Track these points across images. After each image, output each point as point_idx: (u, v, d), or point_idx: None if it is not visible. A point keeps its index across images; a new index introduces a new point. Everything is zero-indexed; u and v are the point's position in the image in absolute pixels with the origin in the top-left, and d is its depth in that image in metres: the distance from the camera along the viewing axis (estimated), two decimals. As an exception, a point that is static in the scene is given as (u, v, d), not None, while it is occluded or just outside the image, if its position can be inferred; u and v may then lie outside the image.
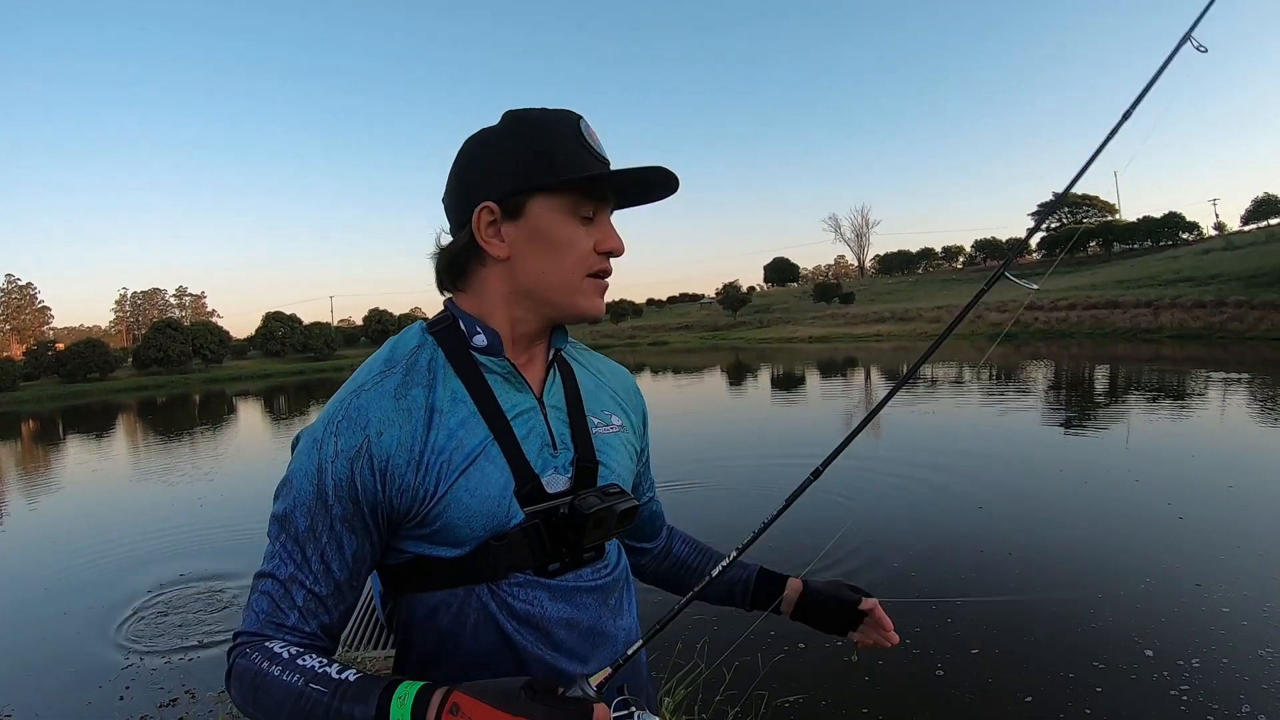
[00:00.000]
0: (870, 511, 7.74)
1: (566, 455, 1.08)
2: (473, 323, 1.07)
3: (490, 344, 1.06)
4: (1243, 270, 38.18)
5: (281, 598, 0.95)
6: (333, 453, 0.95)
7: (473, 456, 0.99)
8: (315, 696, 0.85)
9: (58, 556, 8.59)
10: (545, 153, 1.01)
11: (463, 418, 1.01)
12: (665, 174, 1.03)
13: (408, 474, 0.96)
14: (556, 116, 1.04)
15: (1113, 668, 4.37)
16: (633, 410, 1.27)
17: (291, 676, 0.87)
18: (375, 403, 0.99)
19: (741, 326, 68.87)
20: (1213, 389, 16.90)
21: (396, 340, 1.10)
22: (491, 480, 0.99)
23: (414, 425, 0.98)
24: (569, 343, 1.22)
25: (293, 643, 0.94)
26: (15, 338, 79.13)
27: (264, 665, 0.89)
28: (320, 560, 0.95)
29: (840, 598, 1.32)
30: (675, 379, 30.19)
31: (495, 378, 1.06)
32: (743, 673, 3.99)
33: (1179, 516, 7.07)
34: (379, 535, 0.99)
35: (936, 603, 5.32)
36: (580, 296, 1.07)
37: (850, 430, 1.25)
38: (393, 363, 1.05)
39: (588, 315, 1.08)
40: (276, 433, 21.43)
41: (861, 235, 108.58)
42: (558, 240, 1.03)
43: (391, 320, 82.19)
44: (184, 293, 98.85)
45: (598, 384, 1.23)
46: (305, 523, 0.95)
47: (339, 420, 0.98)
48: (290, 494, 0.97)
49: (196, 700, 4.77)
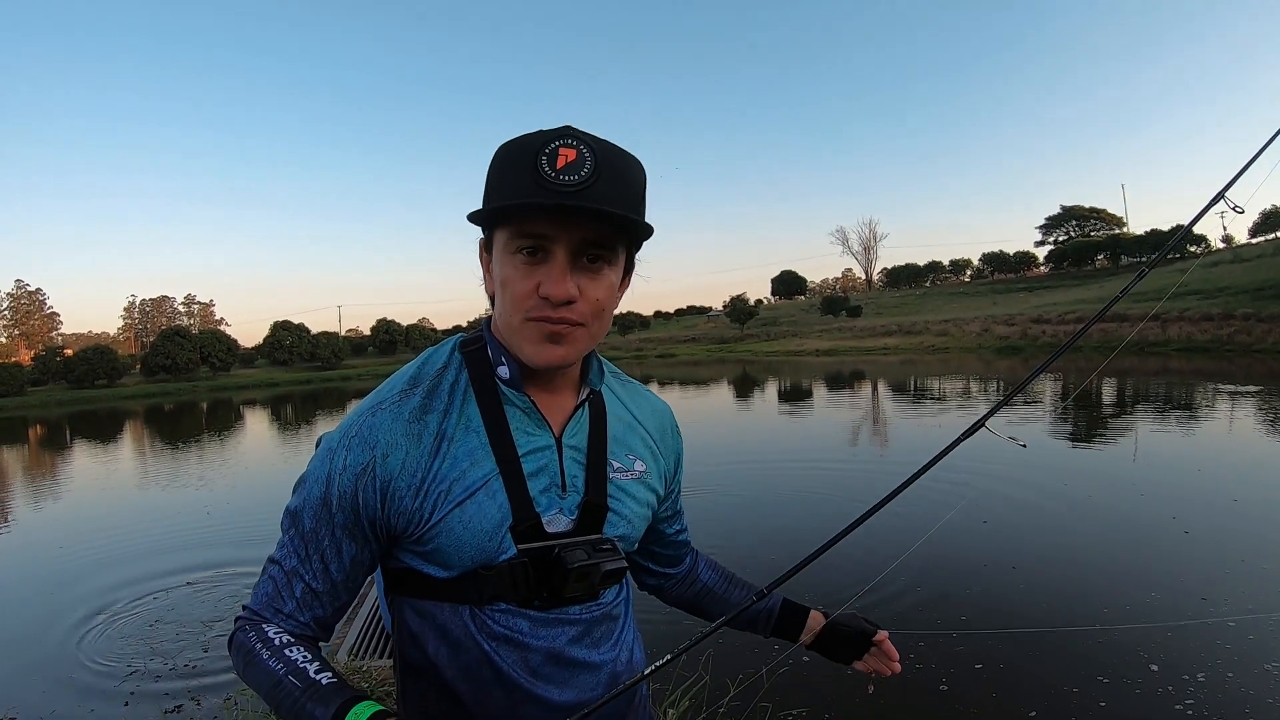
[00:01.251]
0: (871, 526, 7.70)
1: (575, 498, 1.07)
2: (500, 352, 1.06)
3: (512, 377, 1.05)
4: (1250, 283, 38.13)
5: (284, 586, 1.02)
6: (341, 466, 0.99)
7: (472, 490, 1.00)
8: (289, 688, 0.91)
9: (63, 560, 8.60)
10: (496, 183, 0.97)
11: (471, 448, 1.02)
12: (598, 213, 0.92)
13: (407, 497, 0.99)
14: (528, 141, 0.94)
15: (1117, 682, 4.35)
16: (664, 452, 1.25)
17: (276, 663, 0.94)
18: (388, 424, 1.01)
19: (749, 339, 68.94)
20: (1219, 402, 16.85)
21: (428, 356, 1.11)
22: (487, 515, 1.00)
23: (421, 451, 1.00)
24: (614, 374, 1.22)
25: (286, 629, 1.01)
26: (24, 343, 79.60)
27: (256, 646, 0.97)
28: (320, 560, 1.01)
29: (862, 630, 1.34)
30: (682, 391, 30.16)
31: (515, 411, 1.06)
32: (746, 684, 3.98)
33: (1185, 531, 7.04)
34: (377, 545, 1.04)
35: (939, 618, 5.30)
36: (523, 341, 0.99)
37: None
38: (417, 381, 1.06)
39: (533, 362, 1.00)
40: (283, 442, 21.47)
41: (869, 248, 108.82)
42: (501, 278, 0.99)
43: (399, 330, 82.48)
44: (192, 301, 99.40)
45: (629, 425, 1.20)
46: (311, 524, 1.01)
47: (352, 436, 1.01)
48: (303, 493, 1.03)
49: (201, 706, 4.78)
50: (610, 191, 0.93)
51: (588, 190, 0.91)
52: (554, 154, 0.91)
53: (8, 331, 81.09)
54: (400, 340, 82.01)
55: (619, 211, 0.92)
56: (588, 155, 0.92)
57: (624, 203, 0.95)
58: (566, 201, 0.90)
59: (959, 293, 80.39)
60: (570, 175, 0.91)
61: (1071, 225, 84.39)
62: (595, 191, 0.91)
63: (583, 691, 1.07)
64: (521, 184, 0.92)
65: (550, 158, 0.91)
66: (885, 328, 58.60)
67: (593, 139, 0.94)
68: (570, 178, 0.91)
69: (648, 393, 1.29)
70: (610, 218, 0.92)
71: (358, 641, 5.06)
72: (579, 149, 0.92)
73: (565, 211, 0.91)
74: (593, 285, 0.98)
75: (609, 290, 1.01)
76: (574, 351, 1.01)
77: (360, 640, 5.08)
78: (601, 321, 1.02)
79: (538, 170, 0.91)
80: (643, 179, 1.01)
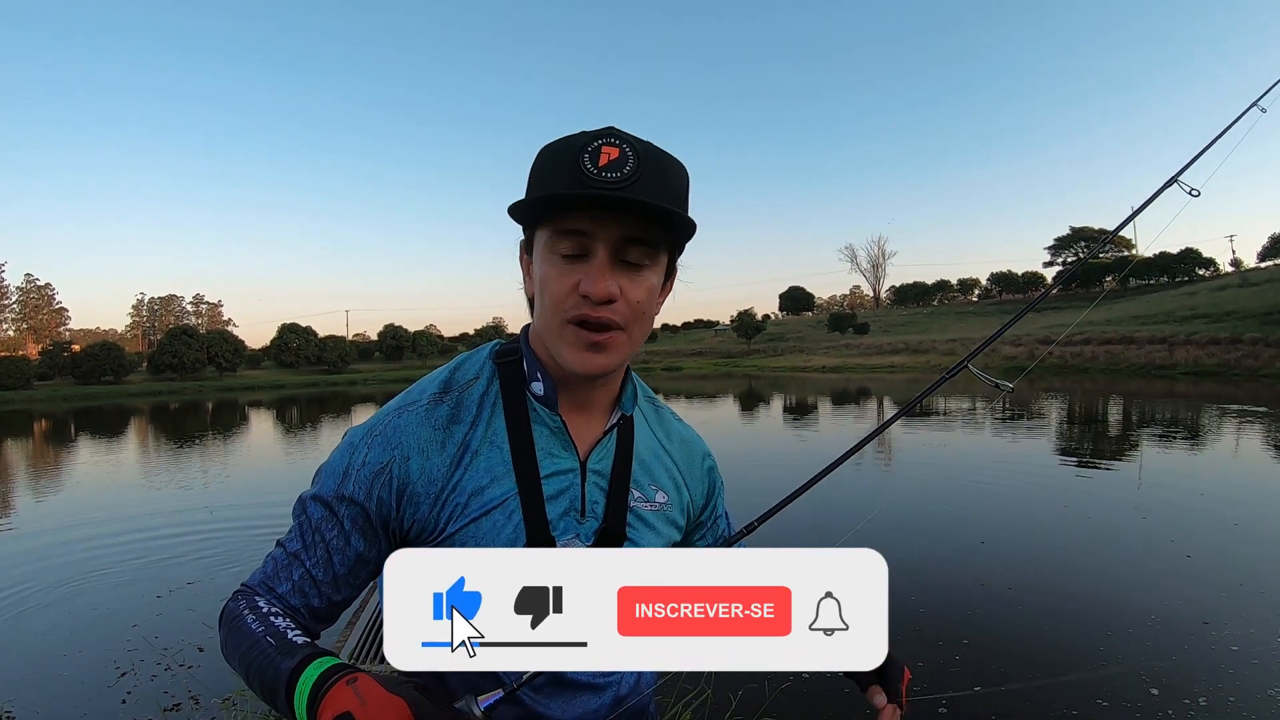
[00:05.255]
0: (871, 543, 7.68)
1: (593, 524, 1.06)
2: (535, 366, 1.05)
3: (546, 395, 1.04)
4: (1259, 307, 38.08)
5: (283, 567, 1.01)
6: (361, 462, 1.00)
7: (488, 507, 1.00)
8: (264, 647, 0.90)
9: (62, 557, 8.60)
10: (538, 181, 0.96)
11: (493, 464, 1.01)
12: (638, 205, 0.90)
13: (424, 505, 0.99)
14: (571, 140, 0.94)
15: (1117, 706, 4.33)
16: (691, 483, 1.21)
17: (258, 626, 0.93)
18: (414, 427, 1.01)
19: (755, 354, 68.96)
20: (1225, 426, 16.79)
21: (461, 362, 1.10)
22: (500, 533, 0.99)
23: (444, 460, 1.00)
24: (649, 398, 1.21)
25: (278, 606, 0.99)
26: (31, 337, 79.75)
27: (243, 611, 0.96)
28: (324, 549, 1.00)
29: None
30: (688, 404, 30.16)
31: (543, 430, 1.04)
32: (749, 698, 3.97)
33: (1186, 555, 7.02)
34: (386, 544, 1.02)
35: (942, 640, 5.28)
36: (562, 346, 0.97)
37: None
38: (449, 388, 1.05)
39: (572, 370, 0.98)
40: (287, 444, 21.52)
41: (878, 266, 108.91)
42: (541, 278, 0.98)
43: (406, 336, 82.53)
44: (200, 300, 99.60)
45: (657, 454, 1.17)
46: (321, 513, 1.01)
47: (376, 434, 1.01)
48: (319, 483, 1.03)
49: (200, 706, 4.76)
50: (651, 189, 0.92)
51: (629, 187, 0.90)
52: (596, 152, 0.91)
53: (16, 325, 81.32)
54: (407, 346, 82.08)
55: (659, 204, 0.91)
56: (630, 154, 0.91)
57: (665, 200, 0.93)
58: (605, 192, 0.89)
59: (966, 312, 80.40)
60: (612, 173, 0.90)
61: (1080, 246, 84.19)
62: (637, 188, 0.90)
63: (586, 712, 1.06)
64: (562, 180, 0.91)
65: (593, 155, 0.91)
66: (892, 345, 58.57)
67: (636, 139, 0.93)
68: (612, 175, 0.90)
69: (680, 422, 1.27)
70: (650, 209, 0.91)
71: (358, 646, 5.06)
72: (621, 148, 0.91)
73: (604, 203, 0.90)
74: (633, 287, 0.96)
75: (649, 293, 0.99)
76: (615, 360, 0.99)
77: (361, 645, 5.08)
78: (642, 326, 1.00)
79: (579, 167, 0.90)
80: (685, 180, 1.00)
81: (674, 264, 1.06)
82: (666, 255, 1.02)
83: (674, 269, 1.07)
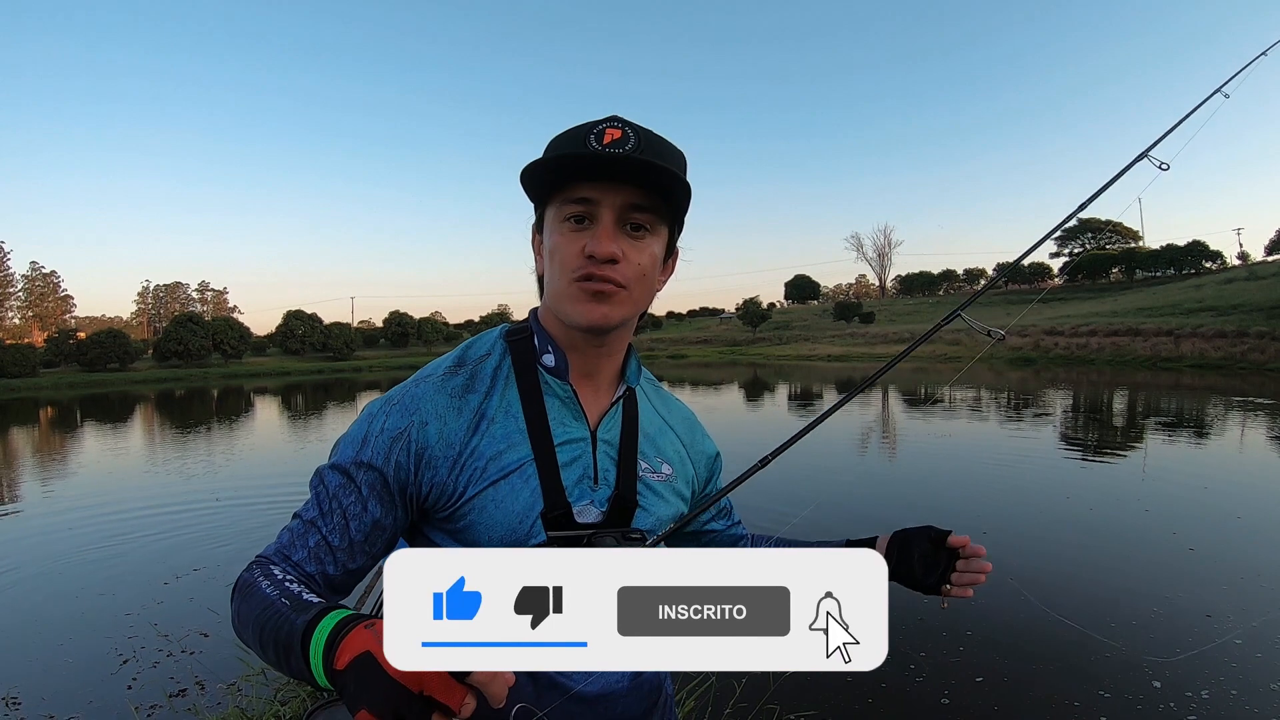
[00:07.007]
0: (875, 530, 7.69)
1: (606, 491, 1.10)
2: (546, 340, 1.11)
3: (557, 366, 1.10)
4: (1265, 301, 37.92)
5: (299, 536, 1.01)
6: (380, 429, 1.02)
7: (506, 471, 1.03)
8: (279, 608, 0.87)
9: (67, 542, 8.64)
10: (547, 160, 1.03)
11: (509, 431, 1.05)
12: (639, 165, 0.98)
13: (442, 469, 1.02)
14: (579, 126, 1.04)
15: (1119, 698, 4.33)
16: (694, 457, 1.29)
17: (272, 591, 0.91)
18: (431, 395, 1.05)
19: (761, 343, 68.97)
20: (1230, 419, 16.76)
21: (472, 342, 1.15)
22: (519, 498, 1.03)
23: (461, 425, 1.03)
24: (647, 378, 1.26)
25: (292, 574, 0.97)
26: (37, 325, 79.97)
27: (258, 578, 0.94)
28: (341, 515, 1.01)
29: (932, 538, 1.32)
30: (693, 391, 30.16)
31: (554, 400, 1.10)
32: (754, 686, 3.99)
33: (1189, 548, 7.02)
34: (403, 513, 1.05)
35: (945, 631, 5.29)
36: (568, 303, 1.04)
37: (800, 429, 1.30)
38: (462, 363, 1.10)
39: (577, 323, 1.05)
40: (293, 431, 21.59)
41: (884, 255, 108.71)
42: (551, 248, 1.05)
43: (411, 323, 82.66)
44: (206, 287, 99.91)
45: (660, 428, 1.24)
46: (338, 480, 1.02)
47: (394, 403, 1.04)
48: (337, 452, 1.05)
49: (206, 691, 4.79)
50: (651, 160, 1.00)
51: (630, 157, 0.98)
52: (601, 133, 1.01)
53: (22, 313, 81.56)
54: (412, 333, 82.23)
55: (659, 163, 0.98)
56: (632, 135, 1.01)
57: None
58: (609, 155, 0.98)
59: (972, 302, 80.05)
60: (616, 148, 0.99)
61: (1087, 238, 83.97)
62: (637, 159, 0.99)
63: (609, 683, 1.09)
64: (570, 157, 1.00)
65: (598, 136, 1.01)
66: (898, 335, 58.59)
67: (638, 125, 1.03)
68: (615, 150, 0.99)
69: (675, 399, 1.34)
70: (650, 168, 0.98)
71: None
72: (624, 129, 1.01)
73: (607, 165, 0.98)
74: (635, 251, 1.03)
75: (652, 259, 1.06)
76: (617, 312, 1.05)
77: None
78: (643, 288, 1.07)
79: (586, 145, 1.00)
80: (683, 161, 1.09)
81: (674, 242, 1.14)
82: (667, 228, 1.09)
83: (675, 249, 1.16)
